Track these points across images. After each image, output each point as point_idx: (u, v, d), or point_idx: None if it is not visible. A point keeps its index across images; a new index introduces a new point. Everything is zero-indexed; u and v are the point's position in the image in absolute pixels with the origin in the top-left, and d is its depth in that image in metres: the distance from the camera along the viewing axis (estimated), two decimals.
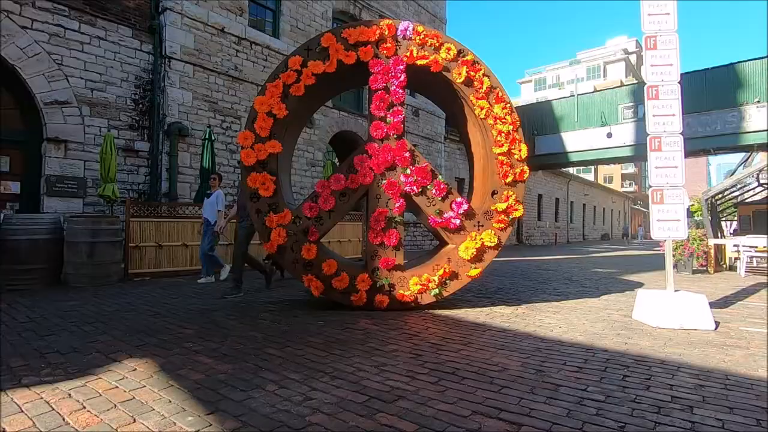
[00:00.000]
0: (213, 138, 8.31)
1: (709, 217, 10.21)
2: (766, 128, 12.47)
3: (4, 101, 7.09)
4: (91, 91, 7.65)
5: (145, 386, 2.32)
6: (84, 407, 2.05)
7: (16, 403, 2.09)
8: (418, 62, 4.49)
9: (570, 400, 2.19)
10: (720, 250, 9.47)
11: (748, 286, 6.74)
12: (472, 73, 4.53)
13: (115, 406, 2.07)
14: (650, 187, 4.30)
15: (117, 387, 2.31)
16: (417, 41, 4.54)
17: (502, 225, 4.53)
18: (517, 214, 4.54)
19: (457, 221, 4.43)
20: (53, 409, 2.02)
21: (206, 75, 9.10)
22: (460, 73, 4.51)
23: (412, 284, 4.33)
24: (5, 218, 5.65)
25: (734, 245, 9.01)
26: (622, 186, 55.09)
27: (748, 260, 8.71)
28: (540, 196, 25.92)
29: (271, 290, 5.74)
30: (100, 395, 2.19)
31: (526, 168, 4.60)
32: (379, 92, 4.46)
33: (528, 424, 1.92)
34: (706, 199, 10.43)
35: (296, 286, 5.93)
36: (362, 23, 4.56)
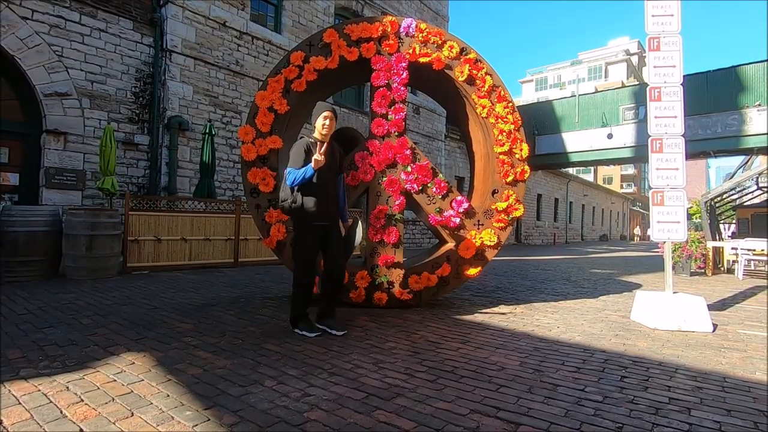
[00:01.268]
0: (213, 132, 8.29)
1: (708, 220, 10.23)
2: (766, 131, 12.48)
3: (4, 92, 7.06)
4: (92, 83, 7.62)
5: (143, 380, 2.32)
6: (82, 400, 2.05)
7: (14, 395, 2.09)
8: (421, 60, 4.48)
9: (568, 400, 2.19)
10: (718, 252, 9.49)
11: (745, 289, 6.75)
12: (474, 72, 4.52)
13: (113, 399, 2.07)
14: (651, 188, 4.30)
15: (115, 380, 2.30)
16: (420, 38, 4.52)
17: (502, 224, 4.53)
18: (518, 213, 4.54)
19: (457, 220, 4.43)
20: (51, 402, 2.02)
21: (207, 69, 9.07)
22: (462, 72, 4.50)
23: (412, 282, 4.33)
24: (4, 210, 5.63)
25: (732, 248, 9.03)
26: (622, 187, 55.19)
27: (746, 263, 8.73)
28: (539, 196, 25.94)
29: (270, 286, 5.74)
30: (98, 388, 2.19)
31: (526, 167, 4.60)
32: (381, 89, 4.45)
33: (526, 424, 1.92)
34: (705, 202, 10.44)
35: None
36: (365, 20, 4.54)
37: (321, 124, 3.31)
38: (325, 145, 3.18)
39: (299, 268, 3.34)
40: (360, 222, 3.56)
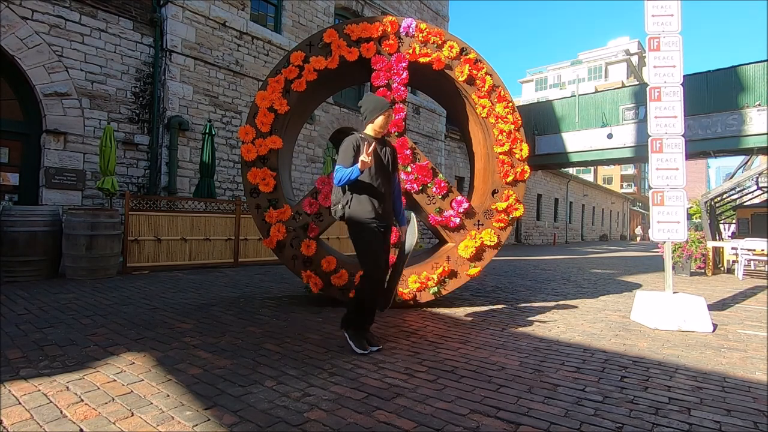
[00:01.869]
0: (213, 132, 8.29)
1: (708, 220, 10.23)
2: (766, 131, 12.49)
3: (4, 92, 7.06)
4: (92, 83, 7.61)
5: (143, 380, 2.32)
6: (82, 400, 2.05)
7: (14, 395, 2.09)
8: (421, 60, 4.48)
9: (568, 400, 2.19)
10: (718, 252, 9.49)
11: (745, 289, 6.75)
12: (474, 72, 4.52)
13: (113, 399, 2.07)
14: (651, 188, 4.30)
15: (115, 380, 2.30)
16: (420, 38, 4.52)
17: (502, 224, 4.53)
18: (517, 213, 4.54)
19: (457, 220, 4.43)
20: (51, 402, 2.02)
21: (207, 69, 9.07)
22: (462, 72, 4.50)
23: (411, 282, 4.33)
24: (4, 210, 5.63)
25: (732, 248, 9.04)
26: (622, 187, 55.19)
27: (746, 263, 8.73)
28: (539, 196, 25.94)
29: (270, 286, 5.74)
30: (98, 388, 2.19)
31: (526, 167, 4.59)
32: (381, 89, 4.45)
33: (526, 424, 1.92)
34: (705, 202, 10.44)
35: (295, 282, 5.93)
36: (365, 20, 4.54)
37: (383, 122, 3.03)
38: (373, 144, 2.89)
39: (369, 282, 2.92)
40: (414, 220, 3.24)
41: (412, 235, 3.16)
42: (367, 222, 2.93)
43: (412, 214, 3.45)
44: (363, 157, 2.77)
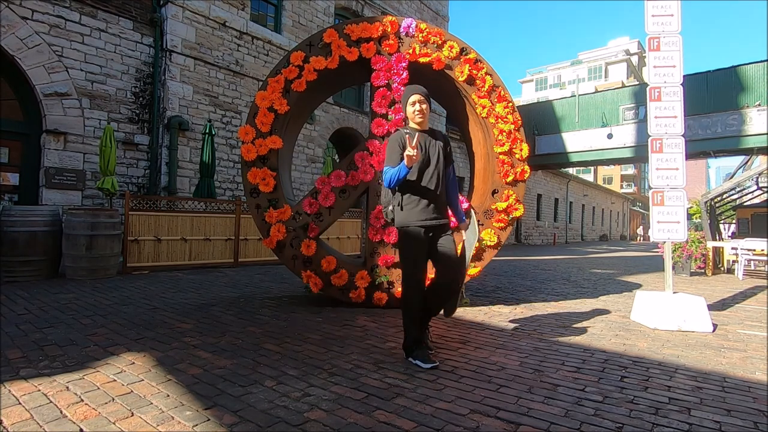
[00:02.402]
0: (213, 132, 8.29)
1: (708, 220, 10.23)
2: (766, 131, 12.48)
3: (4, 92, 7.06)
4: (92, 83, 7.61)
5: (143, 380, 2.32)
6: (82, 400, 2.05)
7: (14, 395, 2.09)
8: (421, 60, 4.48)
9: (568, 400, 2.19)
10: (718, 252, 9.49)
11: (745, 289, 6.75)
12: (474, 72, 4.52)
13: (113, 399, 2.07)
14: (651, 188, 4.30)
15: (115, 380, 2.30)
16: (420, 38, 4.52)
17: (502, 224, 4.53)
18: (517, 213, 4.54)
19: None
20: (51, 402, 2.02)
21: (207, 69, 9.07)
22: (462, 72, 4.50)
23: None
24: (4, 210, 5.63)
25: (732, 248, 9.04)
26: (622, 187, 55.19)
27: (746, 263, 8.73)
28: (539, 196, 25.94)
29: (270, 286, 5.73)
30: (98, 388, 2.19)
31: (526, 167, 4.59)
32: (381, 89, 4.45)
33: (526, 424, 1.92)
34: (705, 202, 10.44)
35: (295, 282, 5.93)
36: (365, 20, 4.54)
37: (411, 111, 2.77)
38: (417, 136, 2.61)
39: (407, 285, 2.78)
40: (475, 218, 2.98)
41: (473, 233, 2.94)
42: (415, 226, 2.72)
43: (472, 210, 3.26)
44: (408, 151, 2.52)
